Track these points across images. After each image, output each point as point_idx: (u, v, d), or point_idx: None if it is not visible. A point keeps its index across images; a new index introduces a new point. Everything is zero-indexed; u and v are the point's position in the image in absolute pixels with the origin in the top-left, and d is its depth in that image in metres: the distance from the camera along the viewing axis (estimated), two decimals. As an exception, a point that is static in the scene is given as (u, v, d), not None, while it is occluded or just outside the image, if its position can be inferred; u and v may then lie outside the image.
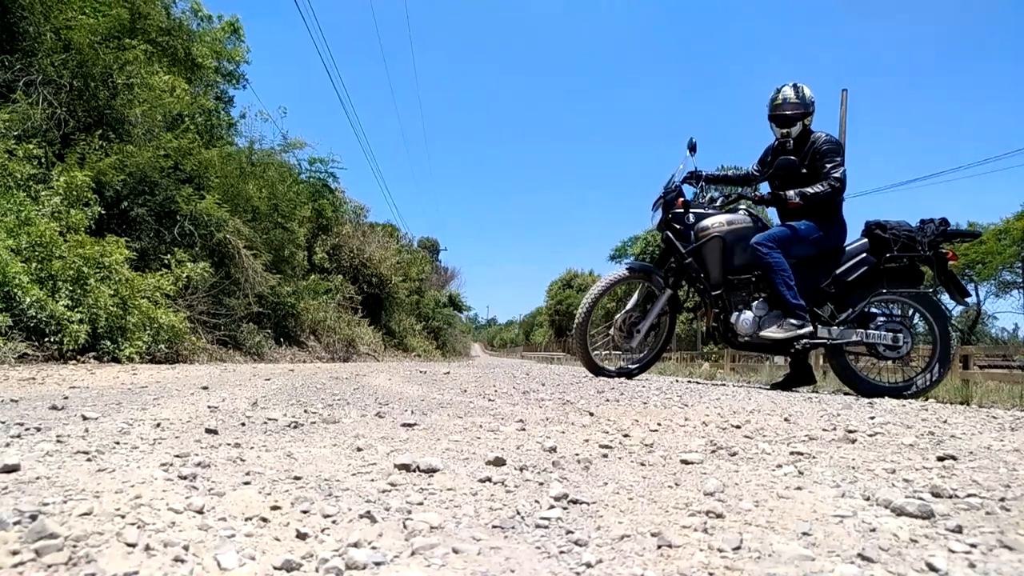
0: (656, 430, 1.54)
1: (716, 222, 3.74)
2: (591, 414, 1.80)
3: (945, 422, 1.88)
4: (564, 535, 0.73)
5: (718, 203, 3.93)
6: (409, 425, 1.46)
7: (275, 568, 0.60)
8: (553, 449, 1.23)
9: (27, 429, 1.22)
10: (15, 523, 0.66)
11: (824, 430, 1.61)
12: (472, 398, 2.18)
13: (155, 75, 7.11)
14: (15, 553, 0.59)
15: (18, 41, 5.94)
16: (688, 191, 3.96)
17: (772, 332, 3.64)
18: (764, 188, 3.99)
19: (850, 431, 1.58)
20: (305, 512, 0.76)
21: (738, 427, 1.63)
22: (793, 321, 3.52)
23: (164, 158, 6.80)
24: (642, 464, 1.14)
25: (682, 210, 3.81)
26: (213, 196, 7.31)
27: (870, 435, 1.54)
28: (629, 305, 3.89)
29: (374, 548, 0.66)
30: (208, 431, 1.28)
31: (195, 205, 6.95)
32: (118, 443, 1.12)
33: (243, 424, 1.41)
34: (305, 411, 1.65)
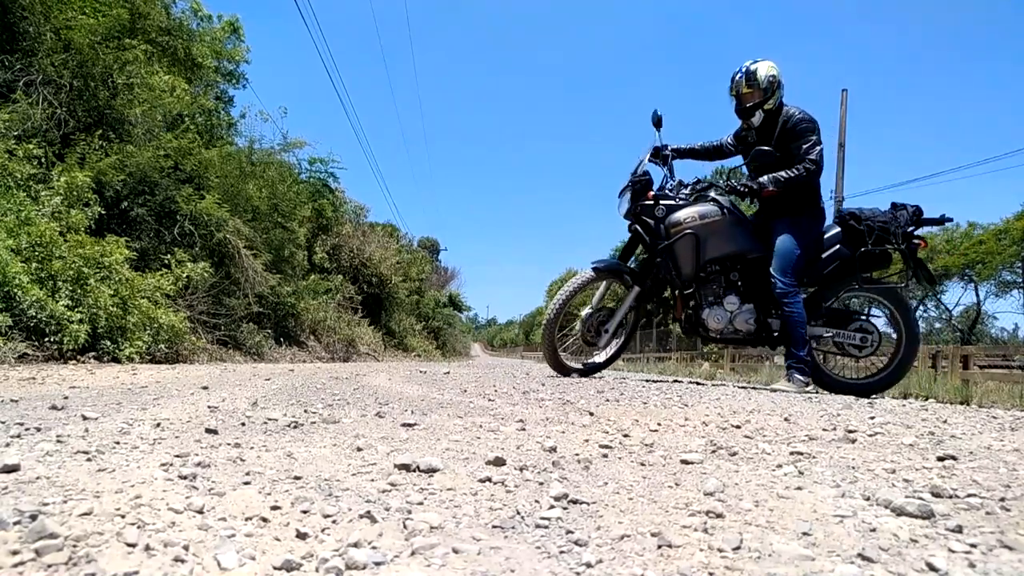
0: (656, 430, 1.54)
1: (688, 216, 3.57)
2: (591, 414, 1.80)
3: (945, 422, 1.88)
4: (564, 535, 0.73)
5: (687, 191, 3.72)
6: (409, 425, 1.46)
7: (275, 568, 0.60)
8: (553, 449, 1.23)
9: (27, 429, 1.22)
10: (15, 523, 0.66)
11: (824, 430, 1.61)
12: (472, 398, 2.18)
13: (155, 75, 7.11)
14: (15, 553, 0.59)
15: (18, 41, 5.94)
16: (655, 172, 3.78)
17: (746, 326, 3.59)
18: (737, 166, 3.89)
19: (850, 431, 1.58)
20: (305, 512, 0.76)
21: (738, 427, 1.63)
22: (800, 378, 3.36)
23: (164, 158, 6.80)
24: (642, 464, 1.14)
25: (652, 202, 3.65)
26: (213, 196, 7.31)
27: (870, 435, 1.54)
28: (595, 302, 3.79)
29: (374, 548, 0.66)
30: (208, 431, 1.28)
31: (195, 205, 6.95)
32: (118, 443, 1.12)
33: (243, 424, 1.41)
34: (305, 411, 1.65)
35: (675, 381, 4.37)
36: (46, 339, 4.10)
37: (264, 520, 0.73)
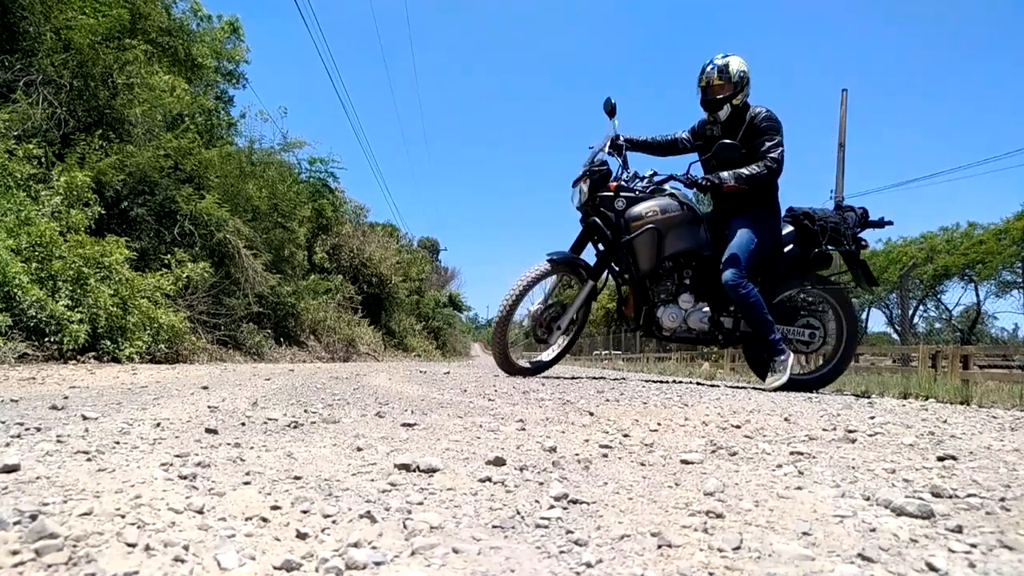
0: (656, 430, 1.54)
1: (650, 211, 3.46)
2: (591, 414, 1.80)
3: (945, 422, 1.88)
4: (564, 535, 0.73)
5: (643, 183, 3.60)
6: (409, 425, 1.46)
7: (275, 568, 0.60)
8: (553, 449, 1.23)
9: (27, 429, 1.22)
10: (15, 523, 0.66)
11: (824, 430, 1.61)
12: (472, 398, 2.18)
13: (155, 75, 7.12)
14: (15, 553, 0.59)
15: (18, 41, 5.94)
16: (611, 163, 3.64)
17: (700, 325, 3.55)
18: (695, 165, 3.73)
19: (850, 431, 1.58)
20: (305, 512, 0.76)
21: (738, 427, 1.63)
22: (782, 359, 3.34)
23: (164, 158, 6.80)
24: (642, 464, 1.14)
25: (611, 194, 3.50)
26: (213, 196, 7.31)
27: (870, 435, 1.54)
28: (544, 297, 3.62)
29: (374, 548, 0.66)
30: (208, 431, 1.28)
31: (195, 205, 6.95)
32: (118, 443, 1.12)
33: (243, 424, 1.41)
34: (305, 411, 1.65)
35: (675, 382, 4.37)
36: (46, 339, 4.10)
37: (264, 520, 0.73)
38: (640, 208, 3.47)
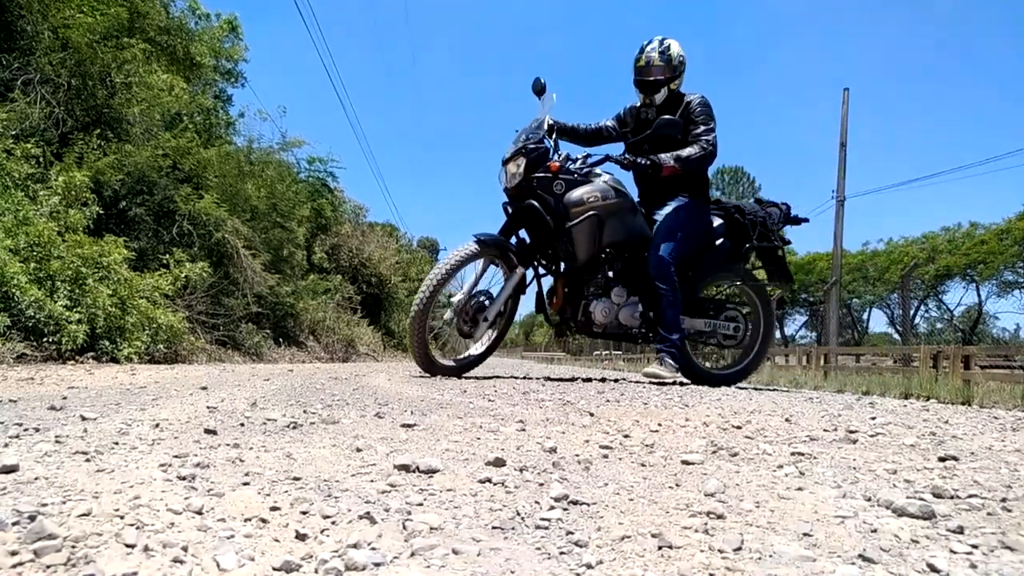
0: (657, 431, 1.54)
1: (591, 196, 3.19)
2: (591, 415, 1.79)
3: (946, 422, 1.87)
4: (564, 536, 0.73)
5: (577, 164, 3.31)
6: (409, 425, 1.46)
7: (274, 569, 0.60)
8: (553, 450, 1.23)
9: (26, 429, 1.22)
10: (14, 524, 0.65)
11: (825, 431, 1.61)
12: (472, 398, 2.18)
13: (153, 74, 7.11)
14: (14, 554, 0.59)
15: (16, 40, 5.93)
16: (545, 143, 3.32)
17: (632, 321, 3.37)
18: (619, 150, 3.54)
19: (851, 431, 1.57)
20: (304, 513, 0.76)
21: (739, 428, 1.63)
22: (671, 363, 3.20)
23: (162, 157, 6.80)
24: (643, 465, 1.14)
25: (550, 175, 3.18)
26: (212, 195, 7.31)
27: (871, 435, 1.54)
28: (470, 285, 3.25)
29: (373, 549, 0.66)
30: (207, 431, 1.27)
31: (194, 204, 6.94)
32: (117, 443, 1.12)
33: (242, 424, 1.40)
34: (304, 411, 1.65)
35: (674, 383, 4.36)
36: (44, 339, 4.09)
37: (263, 521, 0.73)
38: (580, 193, 3.19)
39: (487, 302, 3.23)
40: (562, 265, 3.38)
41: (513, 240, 3.35)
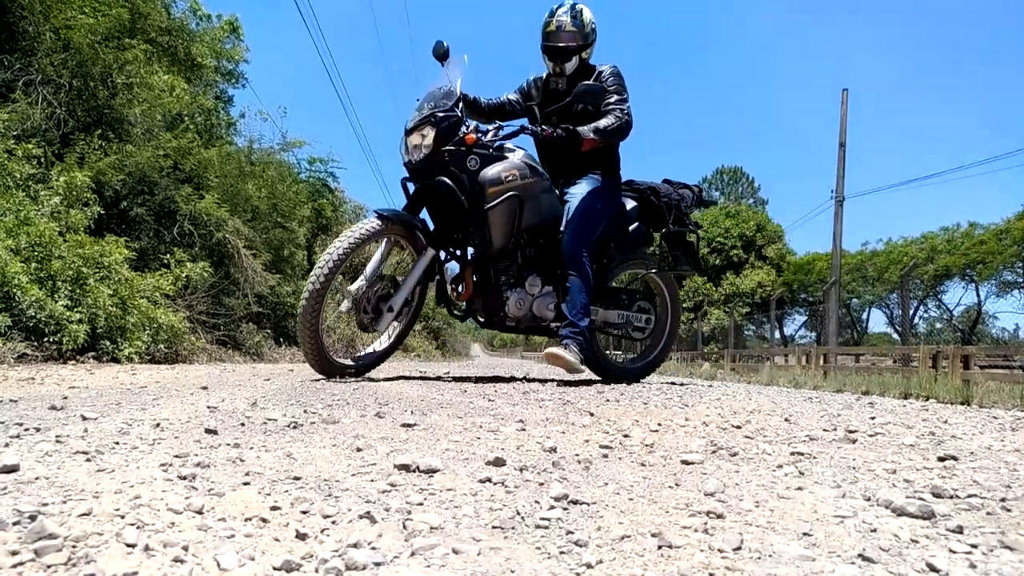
0: (656, 430, 1.54)
1: (509, 174, 2.84)
2: (591, 414, 1.80)
3: (946, 422, 1.88)
4: (564, 535, 0.73)
5: (488, 136, 2.94)
6: (409, 425, 1.46)
7: (275, 568, 0.60)
8: (553, 449, 1.23)
9: (26, 429, 1.22)
10: (14, 523, 0.65)
11: (825, 430, 1.61)
12: (472, 398, 2.18)
13: (154, 75, 7.12)
14: (14, 553, 0.59)
15: (17, 41, 5.94)
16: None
17: (546, 313, 3.06)
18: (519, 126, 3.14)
19: (851, 431, 1.57)
20: (305, 512, 0.76)
21: (738, 427, 1.63)
22: (577, 351, 2.87)
23: (163, 158, 6.80)
24: (642, 464, 1.14)
25: (464, 149, 2.79)
26: (212, 196, 7.31)
27: (871, 435, 1.54)
28: (371, 270, 2.84)
29: (374, 548, 0.66)
30: (207, 431, 1.28)
31: (194, 205, 6.95)
32: (117, 443, 1.12)
33: (242, 424, 1.40)
34: (305, 411, 1.65)
35: (673, 384, 4.36)
36: (45, 339, 4.10)
37: (264, 520, 0.73)
38: (498, 170, 2.83)
39: (392, 289, 2.83)
40: (470, 251, 3.04)
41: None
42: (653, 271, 3.46)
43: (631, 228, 3.28)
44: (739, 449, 1.30)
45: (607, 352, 3.64)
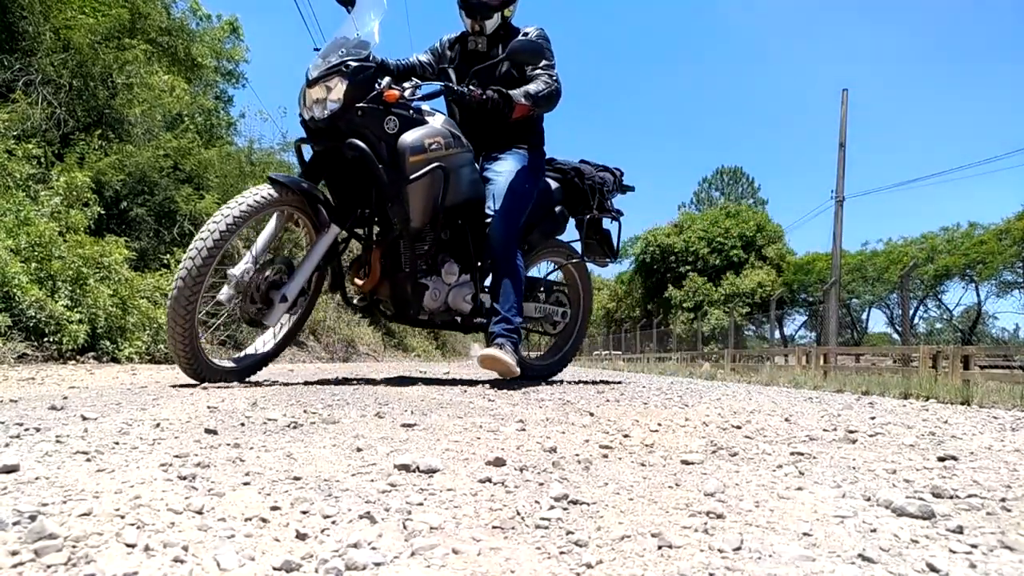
0: (656, 430, 1.54)
1: (434, 141, 2.43)
2: (591, 414, 1.80)
3: (946, 422, 1.88)
4: (564, 535, 0.73)
5: (407, 92, 2.44)
6: (409, 425, 1.46)
7: (275, 568, 0.60)
8: (553, 449, 1.23)
9: (26, 429, 1.22)
10: (14, 523, 0.65)
11: (825, 430, 1.61)
12: (472, 398, 2.18)
13: (154, 75, 7.13)
14: (14, 553, 0.59)
15: (18, 41, 5.94)
16: None
17: (462, 305, 2.71)
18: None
19: (851, 431, 1.57)
20: (305, 512, 0.76)
21: (738, 427, 1.63)
22: (512, 351, 2.57)
23: (164, 158, 6.81)
24: (642, 464, 1.14)
25: (381, 108, 2.32)
26: (213, 196, 7.32)
27: (871, 435, 1.54)
28: (259, 249, 2.36)
29: (374, 549, 0.66)
30: (207, 431, 1.28)
31: (194, 205, 6.95)
32: (117, 443, 1.12)
33: (242, 424, 1.41)
34: (305, 411, 1.65)
35: (675, 382, 4.37)
36: (45, 339, 4.10)
37: (264, 521, 0.73)
38: (420, 135, 2.40)
39: (285, 274, 2.35)
40: (376, 231, 2.62)
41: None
42: (574, 260, 3.20)
43: (555, 211, 2.98)
44: (739, 449, 1.30)
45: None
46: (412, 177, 2.37)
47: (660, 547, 0.70)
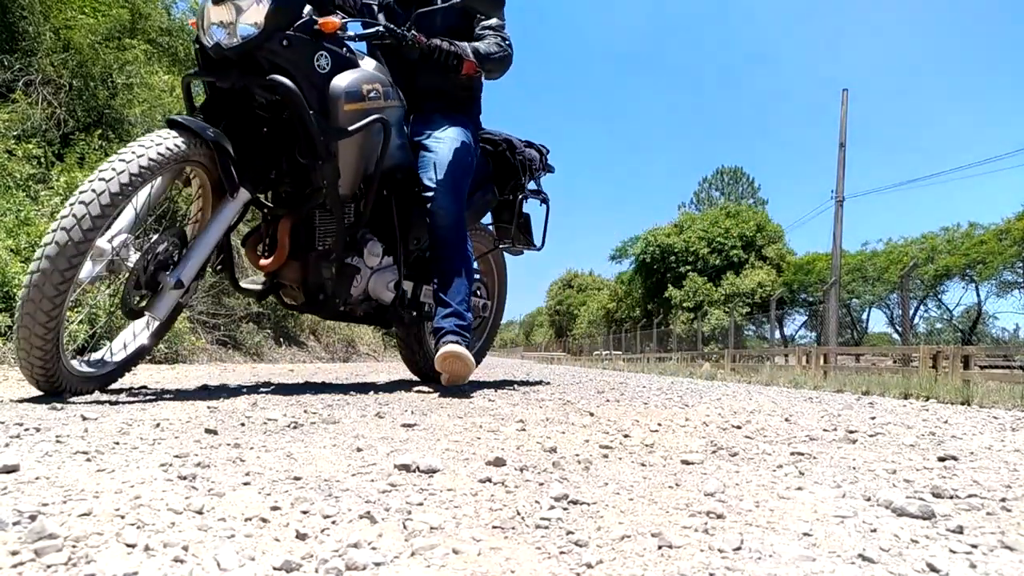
0: (656, 430, 1.54)
1: (372, 88, 2.01)
2: (591, 414, 1.80)
3: (946, 422, 1.88)
4: (564, 535, 0.73)
5: (338, 24, 1.92)
6: (409, 425, 1.46)
7: (275, 568, 0.60)
8: (553, 449, 1.23)
9: (26, 429, 1.22)
10: (15, 523, 0.65)
11: (825, 430, 1.61)
12: (472, 398, 2.18)
13: (155, 75, 7.13)
14: (15, 553, 0.59)
15: (18, 41, 5.94)
16: None
17: (384, 294, 2.29)
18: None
19: (851, 431, 1.58)
20: (305, 512, 0.76)
21: (739, 427, 1.63)
22: (467, 337, 2.26)
23: (164, 158, 6.80)
24: (642, 464, 1.14)
25: (312, 39, 1.86)
26: (213, 196, 7.31)
27: (871, 435, 1.54)
28: (139, 214, 1.76)
29: (374, 549, 0.66)
30: (208, 431, 1.28)
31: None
32: (118, 443, 1.12)
33: (243, 424, 1.41)
34: (305, 411, 1.65)
35: (674, 382, 4.37)
36: (46, 339, 4.10)
37: (264, 521, 0.73)
38: (357, 78, 1.97)
39: (178, 250, 1.84)
40: (283, 196, 2.10)
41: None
42: (502, 246, 2.87)
43: (485, 190, 2.62)
44: (739, 449, 1.30)
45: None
46: (350, 129, 1.93)
47: (660, 547, 0.70)
